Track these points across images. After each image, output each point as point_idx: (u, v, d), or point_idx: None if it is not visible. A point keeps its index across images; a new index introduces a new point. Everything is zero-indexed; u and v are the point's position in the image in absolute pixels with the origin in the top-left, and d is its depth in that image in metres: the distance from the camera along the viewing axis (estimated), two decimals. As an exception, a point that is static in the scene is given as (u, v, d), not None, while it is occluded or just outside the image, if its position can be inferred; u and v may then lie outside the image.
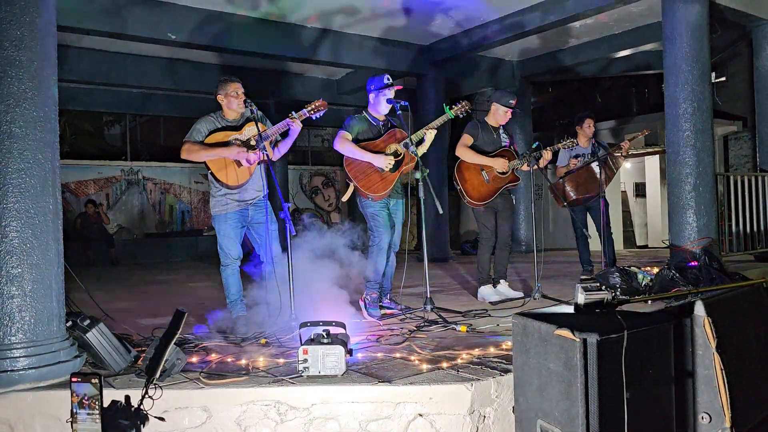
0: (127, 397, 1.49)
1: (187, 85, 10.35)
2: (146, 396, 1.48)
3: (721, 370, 2.45)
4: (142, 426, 1.46)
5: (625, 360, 2.26)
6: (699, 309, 2.52)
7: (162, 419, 1.53)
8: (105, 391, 2.59)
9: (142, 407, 1.46)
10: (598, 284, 2.56)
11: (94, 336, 2.88)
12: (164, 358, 1.53)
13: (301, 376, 2.80)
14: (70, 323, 2.97)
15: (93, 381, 1.41)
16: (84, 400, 1.42)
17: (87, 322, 2.92)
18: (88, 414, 1.41)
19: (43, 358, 2.77)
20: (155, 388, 1.51)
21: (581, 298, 2.53)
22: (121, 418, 1.42)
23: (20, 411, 2.66)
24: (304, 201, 15.48)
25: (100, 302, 3.82)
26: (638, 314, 2.52)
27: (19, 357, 2.73)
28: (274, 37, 8.38)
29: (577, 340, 2.22)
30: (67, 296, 3.09)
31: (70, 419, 1.41)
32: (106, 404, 1.43)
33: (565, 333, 2.27)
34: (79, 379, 1.42)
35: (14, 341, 2.76)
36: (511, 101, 5.19)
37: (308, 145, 15.91)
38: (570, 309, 2.63)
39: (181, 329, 1.58)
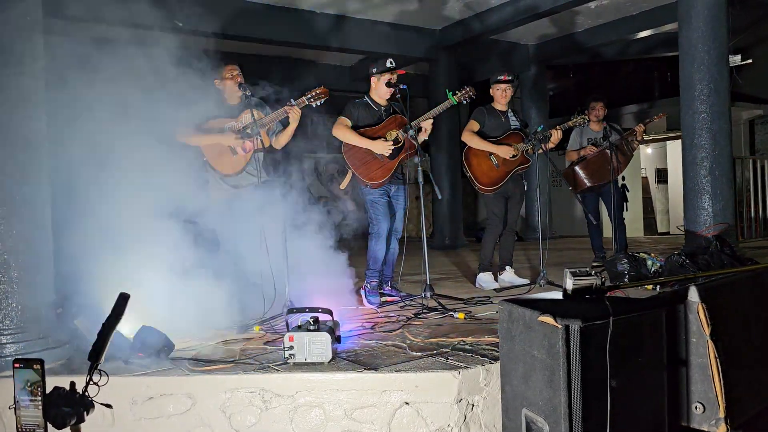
0: (72, 384, 1.46)
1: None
2: (91, 382, 1.45)
3: (716, 358, 2.35)
4: (86, 413, 1.43)
5: (611, 347, 2.17)
6: (693, 295, 2.41)
7: (109, 406, 1.50)
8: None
9: (87, 394, 1.44)
10: (588, 270, 2.47)
11: (82, 323, 2.88)
12: (108, 343, 1.50)
13: (287, 363, 2.77)
14: (59, 310, 2.98)
15: (35, 367, 1.39)
16: (26, 387, 1.40)
17: (75, 308, 2.92)
18: (31, 400, 1.39)
19: (31, 345, 2.78)
20: (101, 374, 1.48)
21: (569, 284, 2.45)
22: (64, 405, 1.39)
23: (7, 399, 2.67)
24: (320, 189, 15.47)
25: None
26: (628, 300, 2.43)
27: (6, 344, 2.75)
28: (285, 24, 8.32)
29: (560, 326, 2.14)
30: (58, 282, 3.09)
31: (14, 406, 1.40)
32: (49, 391, 1.41)
33: (548, 319, 2.19)
34: (21, 365, 1.40)
35: (1, 328, 2.77)
36: (499, 77, 5.08)
37: (324, 133, 15.85)
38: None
39: (124, 313, 1.54)
